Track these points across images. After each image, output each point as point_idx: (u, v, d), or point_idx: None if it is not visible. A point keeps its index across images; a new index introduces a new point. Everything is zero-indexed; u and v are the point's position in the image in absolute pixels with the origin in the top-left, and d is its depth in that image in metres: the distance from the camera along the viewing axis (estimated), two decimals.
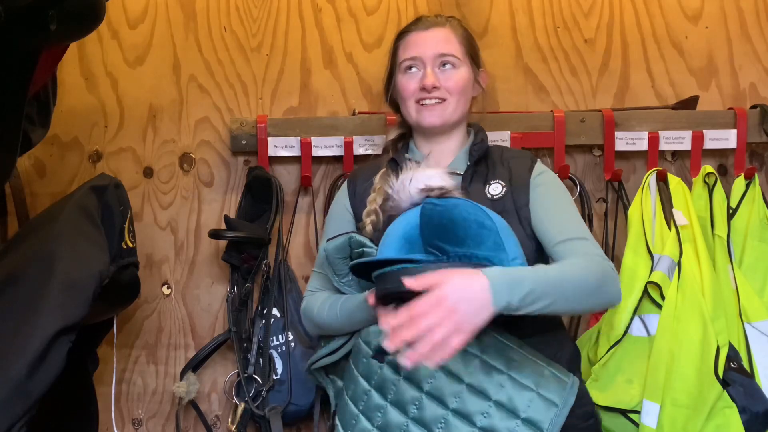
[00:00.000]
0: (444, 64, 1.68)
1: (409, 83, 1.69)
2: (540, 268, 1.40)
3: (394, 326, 1.20)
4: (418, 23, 1.74)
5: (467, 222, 1.35)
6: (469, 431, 1.41)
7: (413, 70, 1.69)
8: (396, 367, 1.47)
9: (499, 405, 1.41)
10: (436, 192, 1.44)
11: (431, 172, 1.48)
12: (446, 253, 1.33)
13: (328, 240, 1.59)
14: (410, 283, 1.21)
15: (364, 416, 1.51)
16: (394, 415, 1.47)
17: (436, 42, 1.68)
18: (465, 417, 1.42)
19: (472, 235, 1.34)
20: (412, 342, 1.19)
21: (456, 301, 1.20)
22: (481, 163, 1.69)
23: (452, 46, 1.69)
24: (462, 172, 1.67)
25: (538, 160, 1.71)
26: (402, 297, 1.28)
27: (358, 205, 1.70)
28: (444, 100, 1.67)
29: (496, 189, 1.65)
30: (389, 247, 1.42)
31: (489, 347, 1.45)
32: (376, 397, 1.50)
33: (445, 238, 1.35)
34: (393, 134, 1.78)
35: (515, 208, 1.61)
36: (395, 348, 1.20)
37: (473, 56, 1.74)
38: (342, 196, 1.78)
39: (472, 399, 1.42)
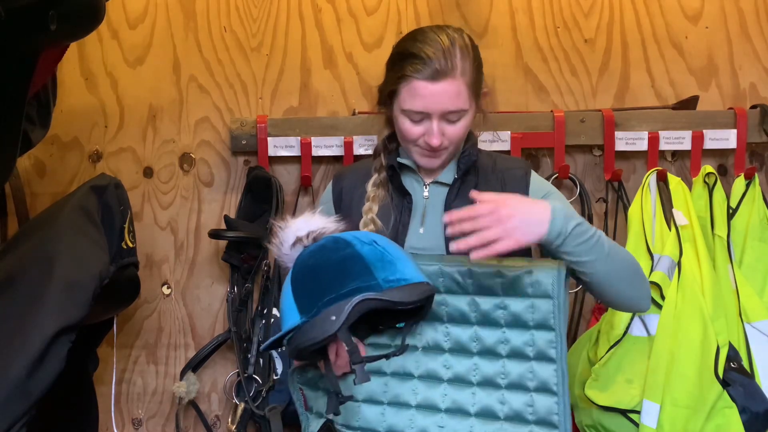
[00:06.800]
0: (451, 120, 1.56)
1: (412, 130, 1.57)
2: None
3: (455, 219, 1.40)
4: (425, 68, 1.50)
5: (329, 262, 1.38)
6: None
7: (418, 119, 1.56)
8: None
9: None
10: (307, 240, 1.44)
11: (299, 222, 1.47)
12: (315, 306, 1.35)
13: None
14: (473, 210, 1.40)
15: None
16: None
17: (445, 99, 1.52)
18: None
19: (336, 273, 1.36)
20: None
21: (509, 213, 1.39)
22: (470, 173, 1.65)
23: (461, 100, 1.53)
24: (449, 183, 1.64)
25: (532, 171, 1.67)
26: (312, 353, 1.40)
27: (344, 212, 1.64)
28: (446, 148, 1.61)
29: None
30: (283, 315, 1.43)
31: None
32: None
33: (311, 289, 1.37)
34: (384, 132, 1.69)
35: None
36: (454, 233, 1.40)
37: (478, 92, 1.59)
38: (326, 201, 1.71)
39: None
